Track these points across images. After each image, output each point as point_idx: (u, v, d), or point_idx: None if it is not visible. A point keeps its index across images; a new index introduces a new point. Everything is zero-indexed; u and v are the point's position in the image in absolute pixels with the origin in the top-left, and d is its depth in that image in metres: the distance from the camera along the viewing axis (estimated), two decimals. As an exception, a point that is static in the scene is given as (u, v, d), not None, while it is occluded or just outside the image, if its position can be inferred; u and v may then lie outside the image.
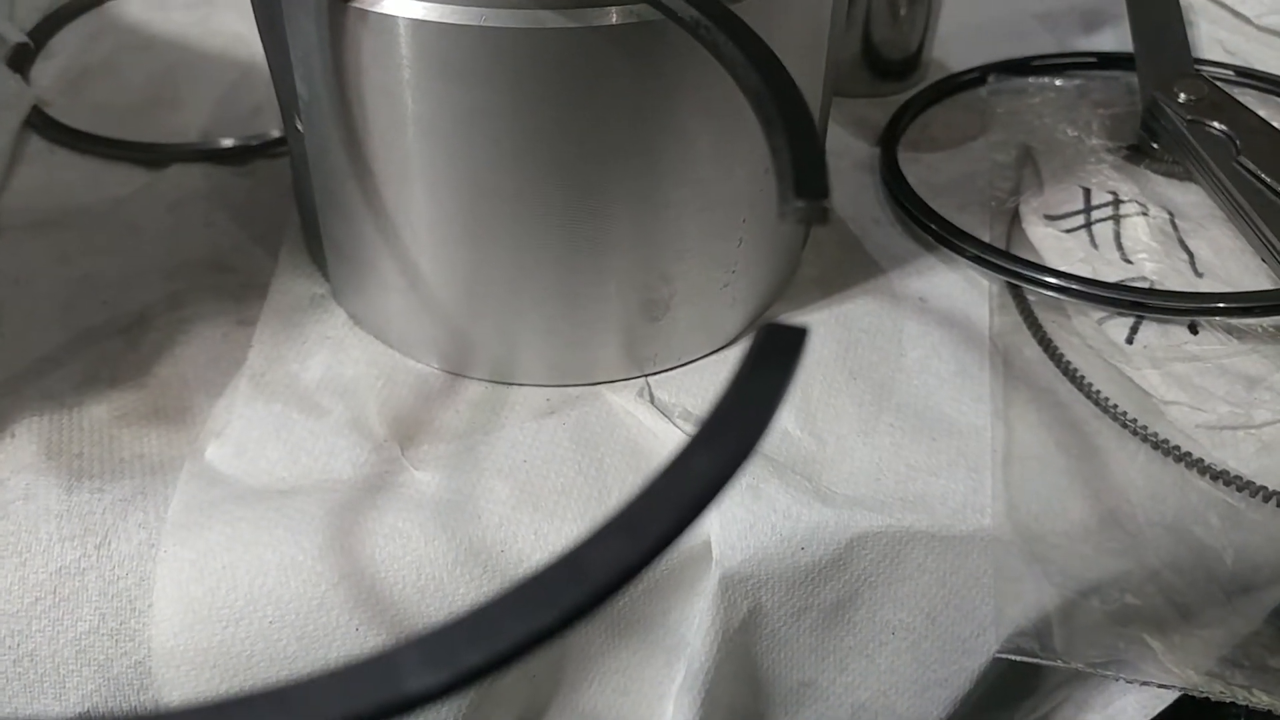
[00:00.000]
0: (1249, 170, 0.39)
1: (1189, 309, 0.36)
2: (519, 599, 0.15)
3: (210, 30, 0.51)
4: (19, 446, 0.32)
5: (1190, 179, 0.41)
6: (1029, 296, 0.37)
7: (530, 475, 0.31)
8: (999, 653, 0.31)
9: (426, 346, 0.34)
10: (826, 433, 0.33)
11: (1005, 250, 0.39)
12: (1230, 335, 0.36)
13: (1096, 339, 0.36)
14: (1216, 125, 0.40)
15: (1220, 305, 0.36)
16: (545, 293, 0.32)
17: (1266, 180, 0.38)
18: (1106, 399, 0.34)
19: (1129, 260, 0.38)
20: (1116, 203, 0.41)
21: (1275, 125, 0.40)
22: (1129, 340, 0.36)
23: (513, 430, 0.33)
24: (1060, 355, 0.35)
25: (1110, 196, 0.41)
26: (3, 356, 0.34)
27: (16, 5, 0.51)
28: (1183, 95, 0.41)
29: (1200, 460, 0.32)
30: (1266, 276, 0.37)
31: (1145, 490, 0.32)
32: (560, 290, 0.32)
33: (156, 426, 0.33)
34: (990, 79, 0.47)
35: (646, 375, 0.34)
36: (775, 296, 0.37)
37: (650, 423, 0.33)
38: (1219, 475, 0.32)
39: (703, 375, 0.35)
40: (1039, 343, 0.36)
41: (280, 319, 0.36)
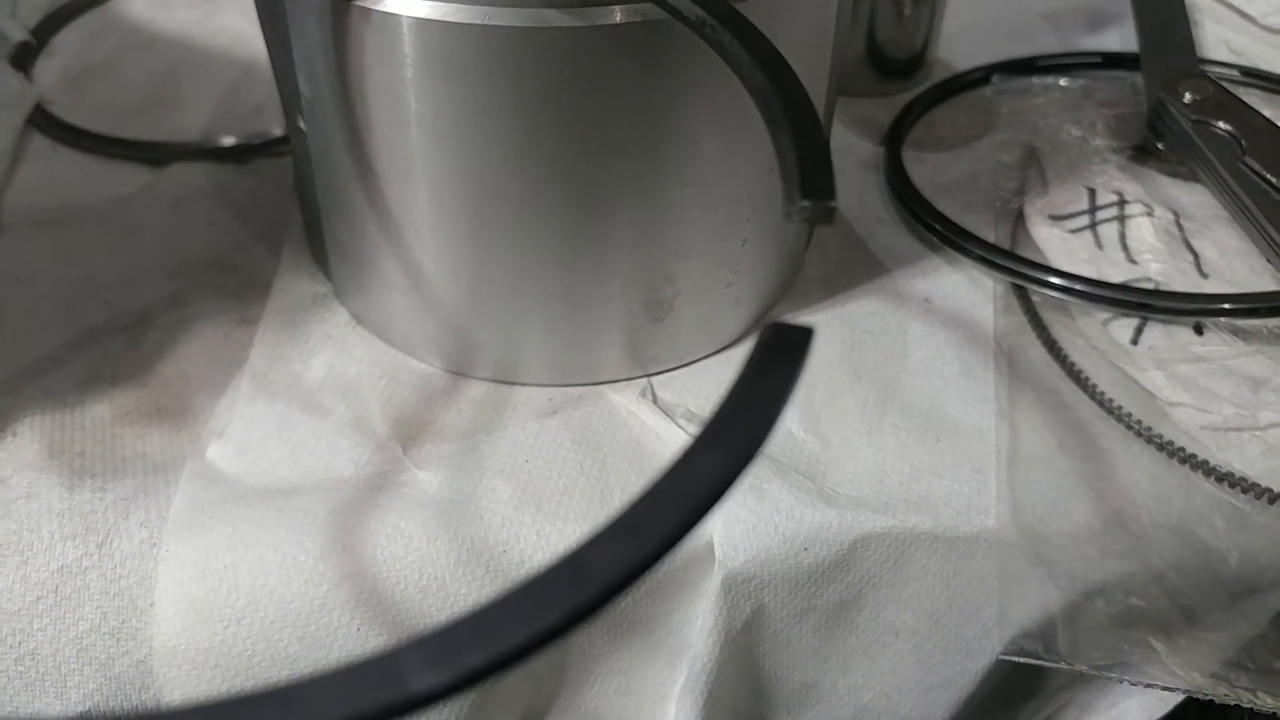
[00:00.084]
0: (1254, 171, 0.38)
1: (1194, 310, 0.36)
2: (522, 599, 0.15)
3: (212, 29, 0.51)
4: (21, 445, 0.32)
5: (1195, 179, 0.41)
6: (1034, 297, 0.37)
7: (532, 475, 0.31)
8: (1003, 654, 0.31)
9: (429, 346, 0.34)
10: (830, 433, 0.33)
11: (1010, 251, 0.39)
12: (1235, 336, 0.36)
13: (1101, 340, 0.36)
14: (1222, 125, 0.40)
15: (1226, 306, 0.36)
16: (548, 292, 0.32)
17: (1272, 181, 0.38)
18: (1111, 400, 0.34)
19: (1134, 261, 0.38)
20: (1121, 203, 0.40)
21: (1281, 125, 0.40)
22: (1134, 341, 0.36)
23: (515, 430, 0.33)
24: (1065, 356, 0.35)
25: (1115, 197, 0.41)
26: (5, 355, 0.34)
27: (19, 3, 0.51)
28: (1188, 95, 0.41)
29: (1205, 462, 0.32)
30: (1272, 277, 0.37)
31: (1150, 492, 0.32)
32: (563, 290, 0.32)
33: (158, 425, 0.33)
34: (995, 79, 0.47)
35: (649, 375, 0.34)
36: (779, 296, 0.37)
37: (653, 423, 0.33)
38: (1224, 477, 0.32)
39: (706, 375, 0.34)
40: (1044, 344, 0.36)
41: (282, 318, 0.36)
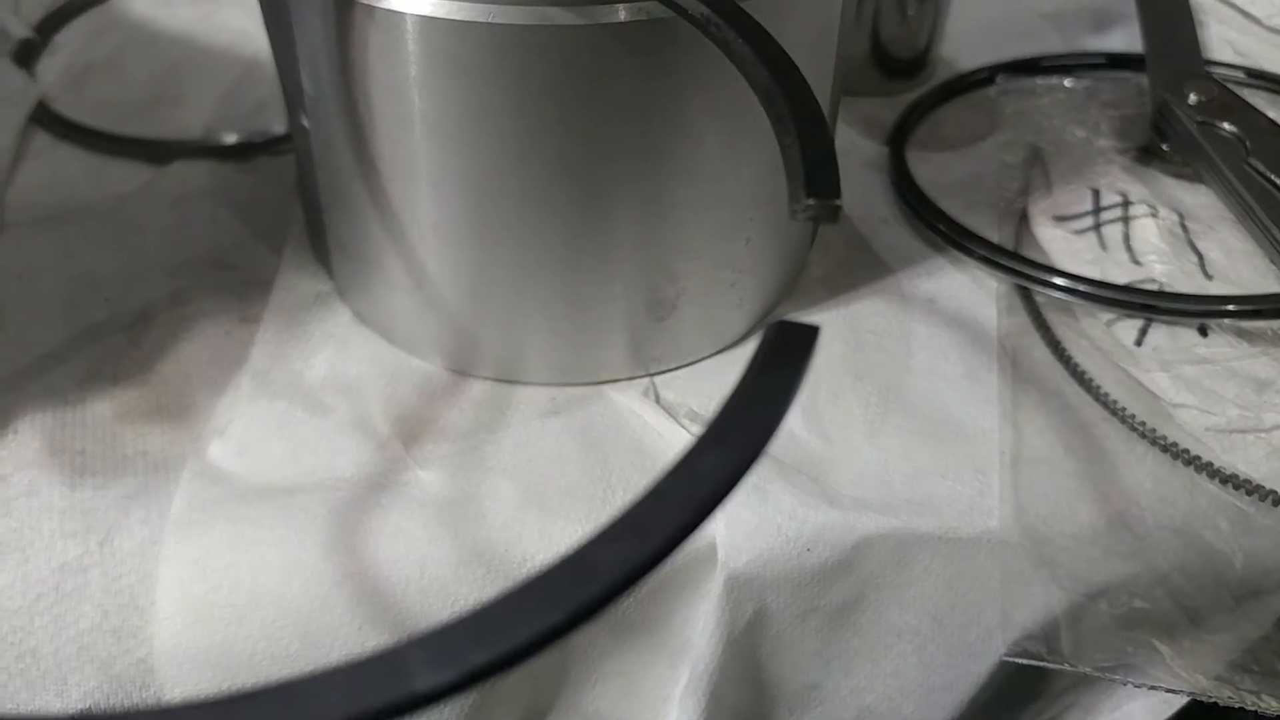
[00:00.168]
0: (1259, 172, 0.38)
1: (1199, 311, 0.36)
2: (526, 597, 0.15)
3: (215, 26, 0.51)
4: (22, 443, 0.32)
5: (1200, 181, 0.41)
6: (1037, 298, 0.37)
7: (535, 475, 0.31)
8: (1006, 656, 0.31)
9: (431, 345, 0.34)
10: (833, 434, 0.33)
11: (1014, 251, 0.39)
12: (1240, 338, 0.35)
13: (1105, 341, 0.36)
14: (1227, 127, 0.40)
15: (1230, 308, 0.36)
16: (550, 292, 0.32)
17: (1277, 182, 0.38)
18: (1115, 401, 0.33)
19: (1138, 262, 0.38)
20: (1126, 204, 0.40)
21: (1286, 127, 0.40)
22: (1138, 342, 0.35)
23: (517, 430, 0.32)
24: (1069, 357, 0.35)
25: (1119, 198, 0.41)
26: (6, 352, 0.34)
27: (22, 0, 0.51)
28: (1193, 96, 0.41)
29: (1209, 464, 0.32)
30: (1276, 279, 0.37)
31: (1154, 494, 0.32)
32: (565, 289, 0.32)
33: (159, 424, 0.32)
34: (999, 79, 0.47)
35: (652, 375, 0.34)
36: (782, 296, 0.37)
37: (656, 423, 0.33)
38: (1228, 479, 0.32)
39: (708, 375, 0.34)
40: (1047, 345, 0.36)
41: (284, 317, 0.36)
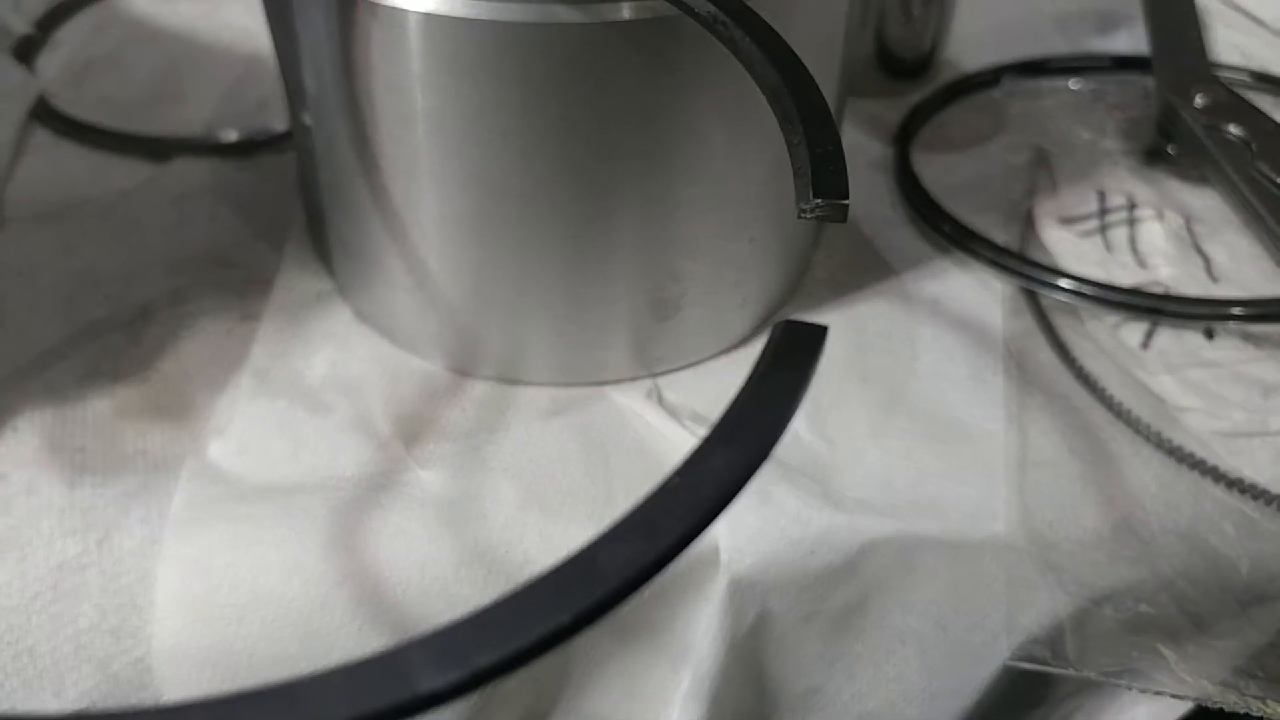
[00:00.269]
0: (1265, 175, 0.38)
1: (1205, 314, 0.36)
2: (531, 598, 0.14)
3: (216, 23, 0.51)
4: (21, 441, 0.31)
5: (1206, 183, 0.41)
6: (1043, 300, 0.37)
7: (536, 476, 0.31)
8: (1010, 661, 0.31)
9: (432, 345, 0.34)
10: (837, 436, 0.32)
11: (1019, 253, 0.38)
12: (1246, 341, 0.35)
13: (1111, 344, 0.35)
14: (1233, 129, 0.40)
15: (1236, 311, 0.36)
16: (553, 292, 0.32)
17: (1283, 185, 0.38)
18: (1121, 404, 0.33)
19: (1144, 265, 0.38)
20: (1132, 206, 0.40)
21: (1292, 130, 0.40)
22: (1144, 345, 0.35)
23: (519, 430, 0.32)
24: (1074, 360, 0.35)
25: (1125, 200, 0.40)
26: (5, 349, 0.34)
27: (23, -3, 0.51)
28: (1199, 99, 0.41)
29: (1215, 468, 0.32)
30: (1283, 282, 0.37)
31: (1160, 498, 0.32)
32: (568, 289, 0.32)
33: (159, 422, 0.32)
34: (1004, 80, 0.47)
35: (655, 375, 0.34)
36: (786, 297, 0.37)
37: (658, 424, 0.32)
38: (1234, 483, 0.32)
39: (712, 376, 0.34)
40: (1053, 347, 0.35)
41: (285, 315, 0.36)
